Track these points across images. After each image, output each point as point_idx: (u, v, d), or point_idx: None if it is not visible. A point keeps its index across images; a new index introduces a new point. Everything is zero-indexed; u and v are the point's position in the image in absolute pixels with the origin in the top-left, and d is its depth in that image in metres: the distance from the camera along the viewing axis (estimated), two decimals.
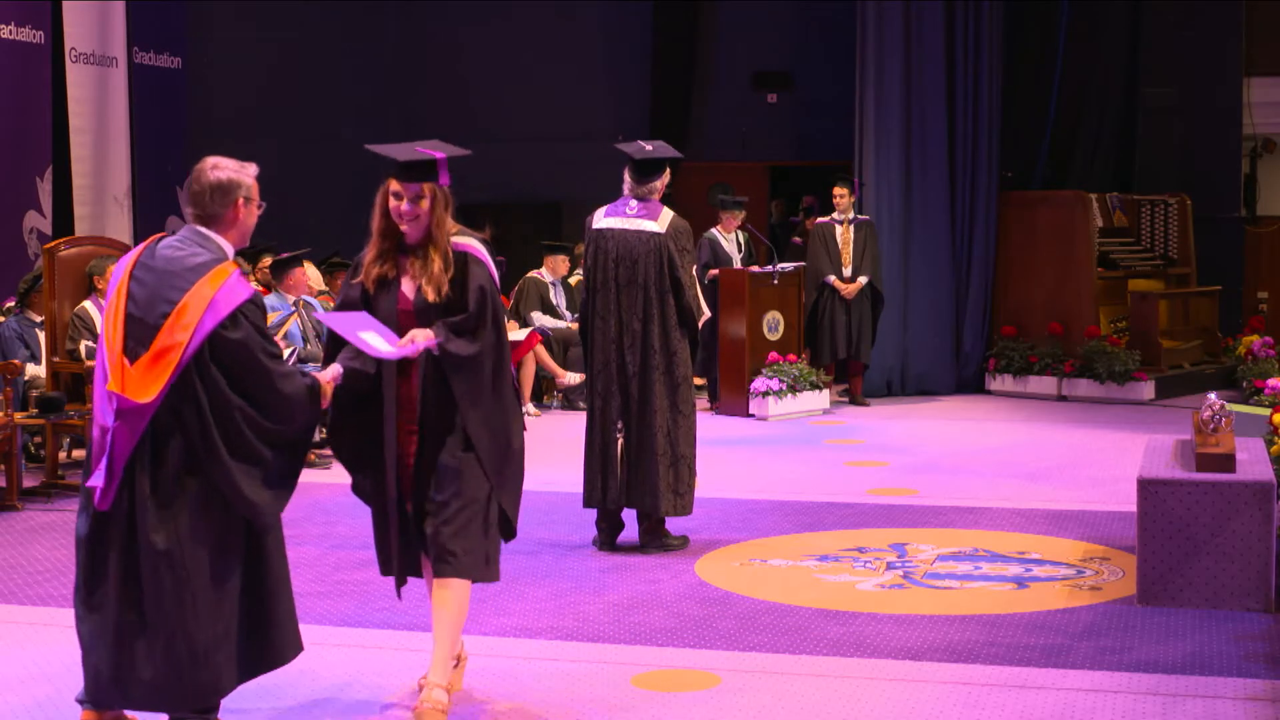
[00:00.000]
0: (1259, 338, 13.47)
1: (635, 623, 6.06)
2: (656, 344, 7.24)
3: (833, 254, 12.39)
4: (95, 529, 4.38)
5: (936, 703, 5.07)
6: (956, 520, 7.96)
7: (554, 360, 12.50)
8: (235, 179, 4.48)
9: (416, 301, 4.85)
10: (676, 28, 16.28)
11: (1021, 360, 13.24)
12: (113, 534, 4.36)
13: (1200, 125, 14.79)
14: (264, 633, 4.55)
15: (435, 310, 4.81)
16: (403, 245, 4.91)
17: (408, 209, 4.82)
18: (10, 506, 8.37)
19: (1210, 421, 6.51)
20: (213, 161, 4.51)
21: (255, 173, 4.56)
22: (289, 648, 4.63)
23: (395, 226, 4.88)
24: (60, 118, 12.13)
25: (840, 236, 12.39)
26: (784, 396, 11.80)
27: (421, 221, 4.85)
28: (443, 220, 4.88)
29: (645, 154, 7.39)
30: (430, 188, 4.84)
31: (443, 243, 4.86)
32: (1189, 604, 6.16)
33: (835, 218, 12.47)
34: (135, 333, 4.33)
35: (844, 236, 12.39)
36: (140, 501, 4.32)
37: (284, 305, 10.19)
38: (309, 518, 8.17)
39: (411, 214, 4.84)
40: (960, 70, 13.34)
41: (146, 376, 4.28)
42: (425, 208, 4.84)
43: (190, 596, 4.34)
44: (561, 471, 8.98)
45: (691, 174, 15.53)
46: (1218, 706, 4.99)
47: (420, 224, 4.85)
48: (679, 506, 7.30)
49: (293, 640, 4.65)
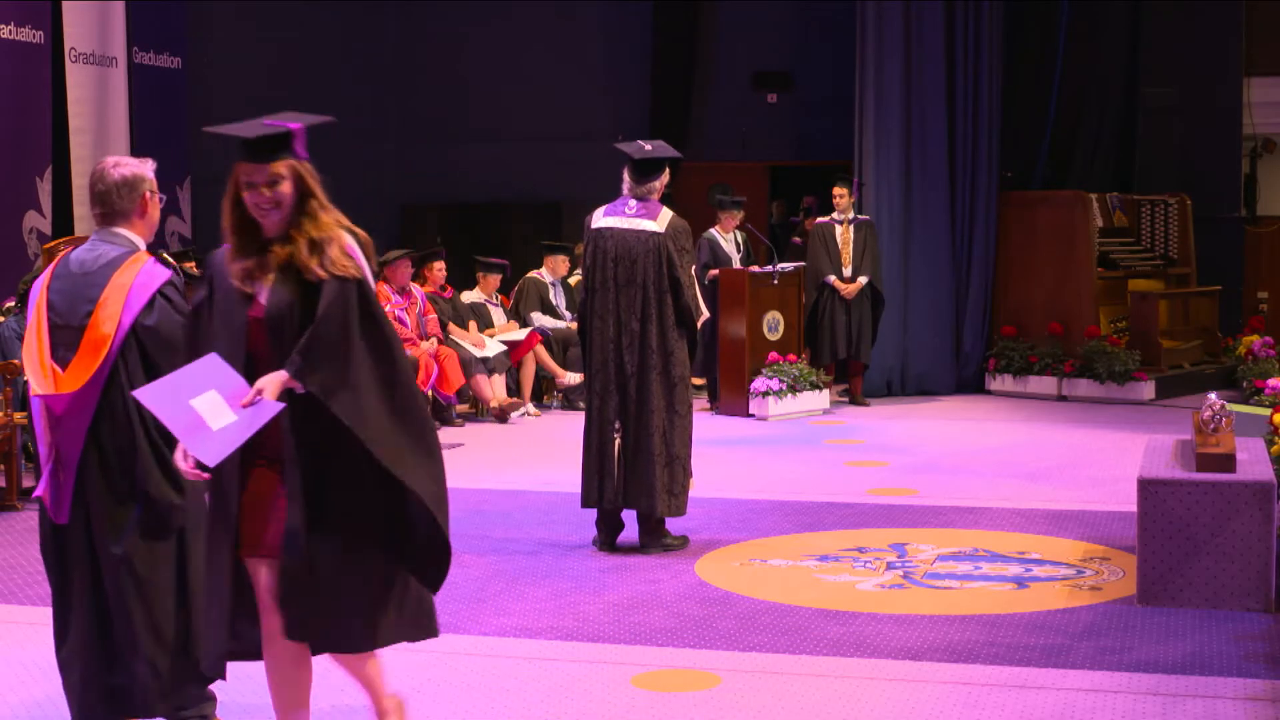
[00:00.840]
0: (1259, 338, 13.46)
1: (635, 623, 6.06)
2: (654, 344, 7.23)
3: (832, 254, 12.36)
4: (57, 542, 4.41)
5: (936, 703, 5.07)
6: (956, 520, 7.96)
7: (554, 360, 12.50)
8: (139, 173, 4.52)
9: (270, 309, 4.00)
10: (676, 28, 16.28)
11: (1021, 360, 13.24)
12: (74, 545, 4.38)
13: (1200, 125, 14.78)
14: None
15: (290, 322, 3.97)
16: (262, 241, 4.05)
17: (265, 197, 3.99)
18: (10, 506, 8.37)
19: (1210, 421, 6.50)
20: (114, 160, 4.56)
21: (154, 167, 4.59)
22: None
23: (250, 220, 4.04)
24: (60, 118, 12.12)
25: (840, 236, 12.36)
26: (784, 396, 11.80)
27: (283, 208, 4.01)
28: (311, 205, 4.03)
29: (644, 154, 7.39)
30: (289, 167, 4.00)
31: (310, 230, 4.00)
32: (1189, 604, 6.16)
33: (835, 218, 12.43)
34: (61, 340, 4.36)
35: (844, 236, 12.36)
36: (94, 507, 4.35)
37: None
38: None
39: (270, 201, 4.00)
40: (960, 70, 13.34)
41: (77, 372, 4.31)
42: (286, 191, 3.99)
43: (154, 594, 4.36)
44: (561, 471, 8.98)
45: (691, 174, 15.53)
46: (1218, 706, 4.99)
47: (281, 212, 4.01)
48: (673, 507, 7.30)
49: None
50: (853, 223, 12.39)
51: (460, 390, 11.80)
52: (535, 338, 12.37)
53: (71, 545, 4.38)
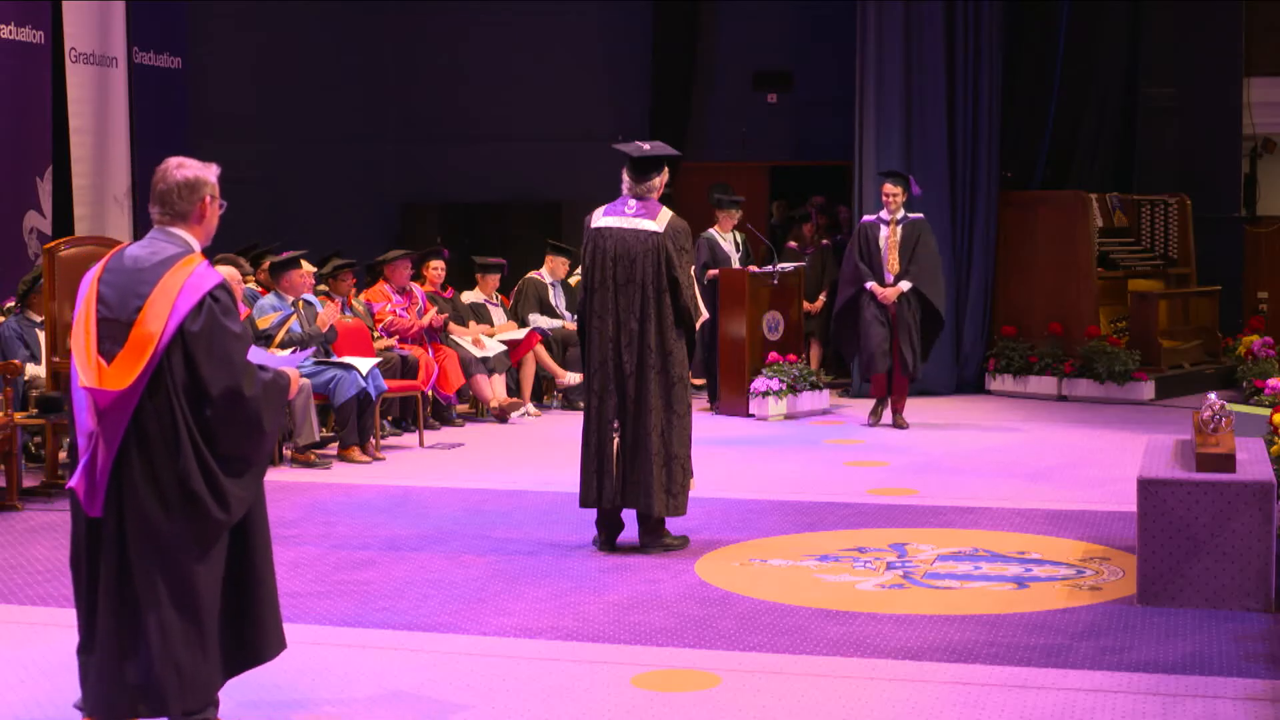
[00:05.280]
0: (1259, 338, 13.46)
1: (635, 623, 6.06)
2: (653, 343, 7.23)
3: (874, 258, 11.19)
4: (89, 534, 4.41)
5: (936, 703, 5.07)
6: (956, 520, 7.96)
7: (553, 360, 12.50)
8: (201, 176, 4.52)
9: None
10: (676, 28, 16.27)
11: (1021, 360, 13.24)
12: (105, 539, 4.37)
13: (1200, 125, 14.79)
14: (249, 628, 4.56)
15: None
16: None
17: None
18: (10, 506, 8.37)
19: (1210, 421, 6.50)
20: (177, 161, 4.55)
21: (218, 173, 4.59)
22: (272, 645, 4.63)
23: None
24: (60, 118, 12.12)
25: (886, 239, 11.19)
26: (784, 396, 11.80)
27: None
28: None
29: (642, 152, 7.39)
30: None
31: None
32: (1189, 604, 6.16)
33: (883, 216, 11.29)
34: (109, 333, 4.37)
35: (890, 239, 11.19)
36: (128, 503, 4.34)
37: (284, 306, 10.19)
38: (309, 518, 8.17)
39: None
40: (960, 70, 13.34)
41: (123, 368, 4.31)
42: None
43: (184, 593, 4.35)
44: (561, 471, 8.98)
45: (691, 174, 15.53)
46: (1218, 706, 4.99)
47: None
48: (672, 507, 7.29)
49: (276, 638, 4.65)
50: (901, 223, 11.24)
51: (460, 390, 11.80)
52: (535, 338, 12.37)
53: (103, 539, 4.37)
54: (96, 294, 4.42)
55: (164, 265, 4.40)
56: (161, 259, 4.42)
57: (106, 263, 4.50)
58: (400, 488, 9.06)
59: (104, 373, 4.32)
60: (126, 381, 4.29)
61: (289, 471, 9.63)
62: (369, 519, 8.15)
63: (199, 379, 4.33)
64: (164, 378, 4.32)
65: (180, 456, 4.33)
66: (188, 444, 4.33)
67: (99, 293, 4.42)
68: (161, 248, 4.46)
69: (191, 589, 4.37)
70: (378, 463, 9.98)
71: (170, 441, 4.33)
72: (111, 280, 4.43)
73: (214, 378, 4.34)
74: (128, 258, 4.47)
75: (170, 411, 4.32)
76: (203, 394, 4.35)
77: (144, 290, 4.36)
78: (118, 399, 4.29)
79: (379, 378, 10.16)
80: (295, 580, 6.75)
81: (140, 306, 4.34)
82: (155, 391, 4.32)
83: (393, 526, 7.95)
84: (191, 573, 4.37)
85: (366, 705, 5.08)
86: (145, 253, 4.46)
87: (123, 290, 4.39)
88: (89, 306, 4.41)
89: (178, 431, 4.33)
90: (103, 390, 4.29)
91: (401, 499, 8.70)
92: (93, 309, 4.40)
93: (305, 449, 9.81)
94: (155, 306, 4.33)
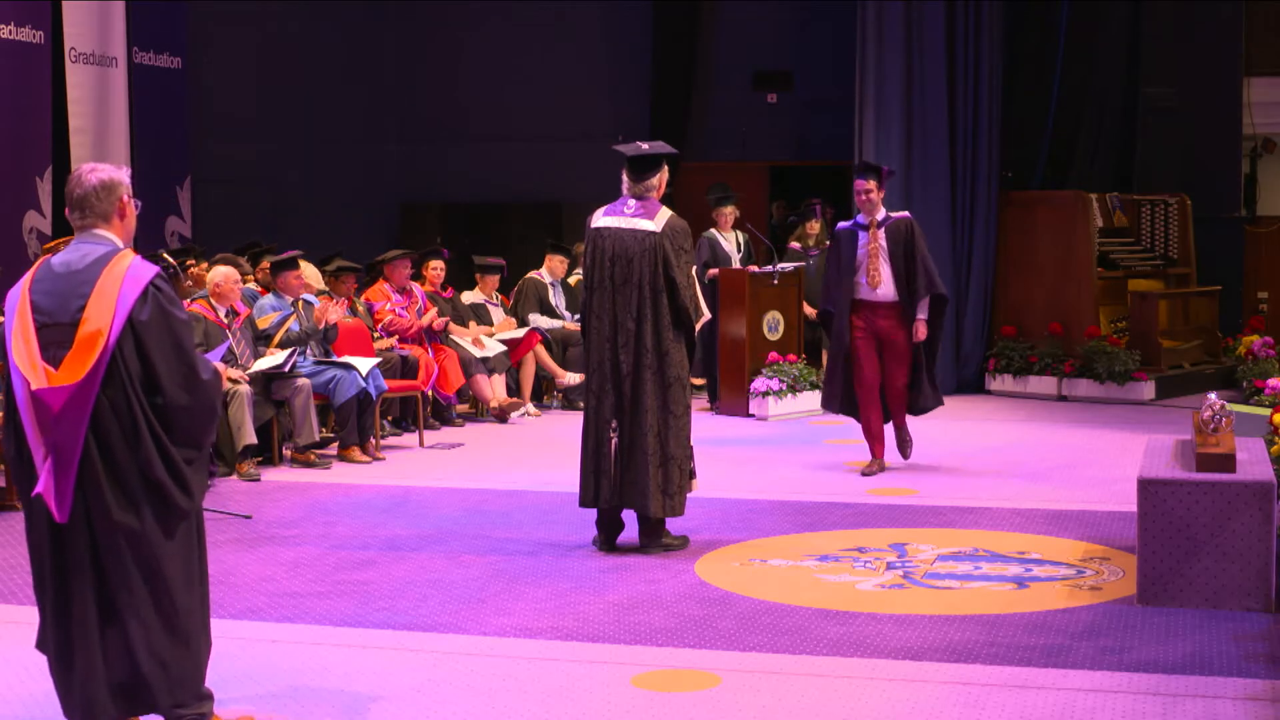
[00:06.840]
0: (1259, 338, 13.46)
1: (635, 623, 6.06)
2: (649, 343, 7.23)
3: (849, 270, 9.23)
4: (56, 540, 4.38)
5: (936, 703, 5.07)
6: (956, 520, 7.96)
7: (553, 360, 12.50)
8: (115, 178, 4.53)
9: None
10: (676, 28, 16.28)
11: (1021, 360, 13.24)
12: (75, 541, 4.36)
13: (1200, 125, 14.78)
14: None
15: None
16: None
17: None
18: (10, 506, 8.36)
19: (1210, 421, 6.50)
20: (90, 166, 4.55)
21: (129, 174, 4.61)
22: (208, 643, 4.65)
23: None
24: (60, 118, 12.13)
25: (867, 245, 9.19)
26: (784, 396, 11.80)
27: None
28: None
29: (640, 152, 7.39)
30: None
31: None
32: (1189, 604, 6.16)
33: (859, 220, 9.29)
34: (52, 339, 4.33)
35: (871, 245, 9.17)
36: (94, 504, 4.33)
37: (283, 306, 10.19)
38: (309, 517, 8.17)
39: None
40: (960, 70, 13.33)
41: (74, 366, 4.28)
42: None
43: (163, 587, 4.37)
44: (561, 472, 8.98)
45: (691, 174, 15.53)
46: (1218, 706, 4.99)
47: None
48: (669, 507, 7.29)
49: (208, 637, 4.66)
50: (883, 224, 9.23)
51: (460, 390, 11.80)
52: (535, 337, 12.37)
53: (73, 542, 4.36)
54: (30, 304, 4.38)
55: (99, 264, 4.38)
56: (95, 259, 4.40)
57: (34, 274, 4.46)
58: (400, 488, 9.06)
59: (51, 376, 4.28)
60: (79, 375, 4.26)
61: (289, 471, 9.63)
62: (369, 519, 8.15)
63: (152, 368, 4.32)
64: (118, 370, 4.30)
65: (141, 447, 4.31)
66: (146, 433, 4.32)
67: (32, 302, 4.38)
68: (90, 249, 4.43)
69: (165, 582, 4.37)
70: (378, 463, 9.98)
71: (129, 433, 4.32)
72: (44, 288, 4.39)
73: (168, 365, 4.34)
74: (57, 264, 4.43)
75: (127, 402, 4.31)
76: (157, 382, 4.34)
77: (84, 290, 4.33)
78: (73, 396, 4.24)
79: (379, 378, 10.16)
80: (295, 580, 6.75)
81: (83, 306, 4.31)
82: (110, 384, 4.30)
83: (393, 526, 7.95)
84: (164, 565, 4.37)
85: (367, 705, 5.08)
86: (75, 257, 4.43)
87: (60, 295, 4.36)
88: (24, 318, 4.36)
89: (136, 422, 4.31)
90: (55, 389, 4.25)
91: (401, 499, 8.70)
92: (29, 319, 4.35)
93: (305, 449, 9.81)
94: (99, 302, 4.31)
